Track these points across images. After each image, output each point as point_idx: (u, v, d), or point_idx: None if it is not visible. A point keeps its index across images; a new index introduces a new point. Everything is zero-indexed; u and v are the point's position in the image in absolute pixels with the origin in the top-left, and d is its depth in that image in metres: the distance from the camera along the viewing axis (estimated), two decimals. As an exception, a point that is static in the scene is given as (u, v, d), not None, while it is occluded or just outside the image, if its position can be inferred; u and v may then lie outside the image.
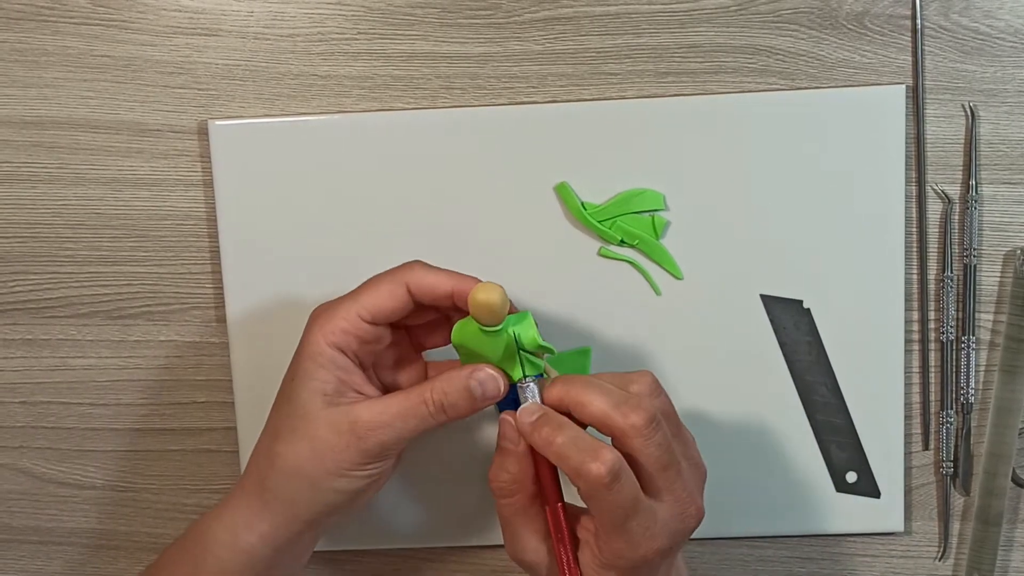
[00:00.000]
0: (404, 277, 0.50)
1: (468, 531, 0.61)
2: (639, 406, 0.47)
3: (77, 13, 0.59)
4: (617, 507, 0.46)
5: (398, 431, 0.49)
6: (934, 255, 0.60)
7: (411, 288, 0.49)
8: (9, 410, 0.62)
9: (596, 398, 0.47)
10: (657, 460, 0.47)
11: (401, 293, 0.49)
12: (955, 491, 0.61)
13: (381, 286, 0.50)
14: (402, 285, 0.49)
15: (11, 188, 0.60)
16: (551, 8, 0.58)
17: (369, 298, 0.49)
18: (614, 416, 0.46)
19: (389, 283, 0.50)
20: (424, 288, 0.49)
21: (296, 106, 0.59)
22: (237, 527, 0.51)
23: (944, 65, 0.58)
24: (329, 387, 0.49)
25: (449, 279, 0.50)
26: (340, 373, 0.49)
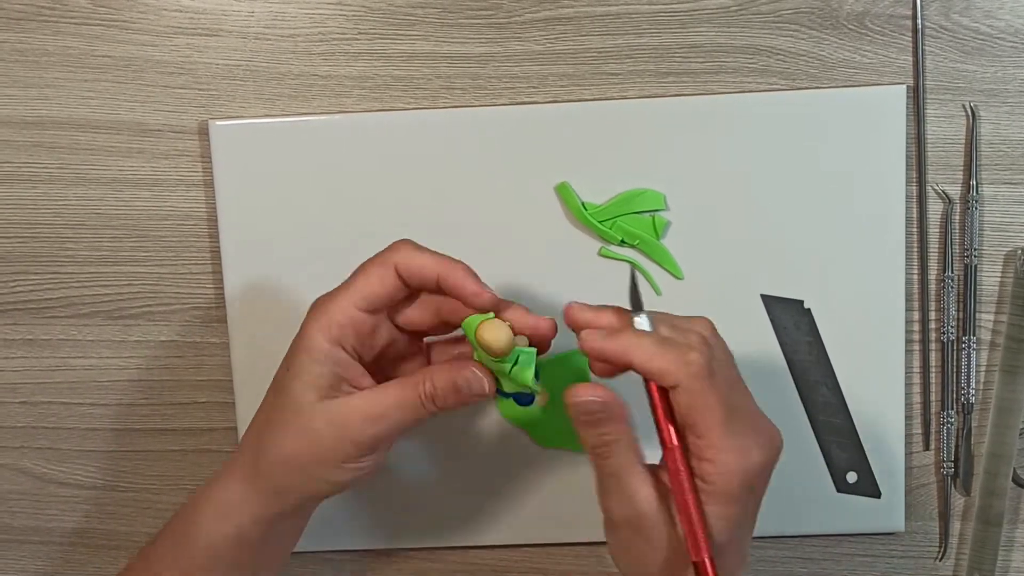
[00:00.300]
0: (392, 258, 0.49)
1: (468, 531, 0.61)
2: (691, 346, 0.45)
3: (78, 13, 0.59)
4: (722, 398, 0.44)
5: (392, 422, 0.49)
6: (935, 255, 0.60)
7: (399, 270, 0.49)
8: (10, 410, 0.62)
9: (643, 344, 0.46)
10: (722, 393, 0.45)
11: (391, 276, 0.49)
12: (956, 491, 0.61)
13: (371, 272, 0.49)
14: (391, 268, 0.49)
15: (12, 188, 0.60)
16: (552, 8, 0.58)
17: (362, 286, 0.49)
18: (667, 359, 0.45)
19: (379, 267, 0.49)
20: (412, 270, 0.49)
21: (297, 106, 0.59)
22: (228, 509, 0.51)
23: (945, 65, 0.58)
24: (323, 381, 0.49)
25: (435, 263, 0.49)
26: (336, 368, 0.49)
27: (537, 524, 0.61)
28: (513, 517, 0.61)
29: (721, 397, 0.45)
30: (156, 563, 0.52)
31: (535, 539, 0.62)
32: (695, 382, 0.44)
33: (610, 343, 0.46)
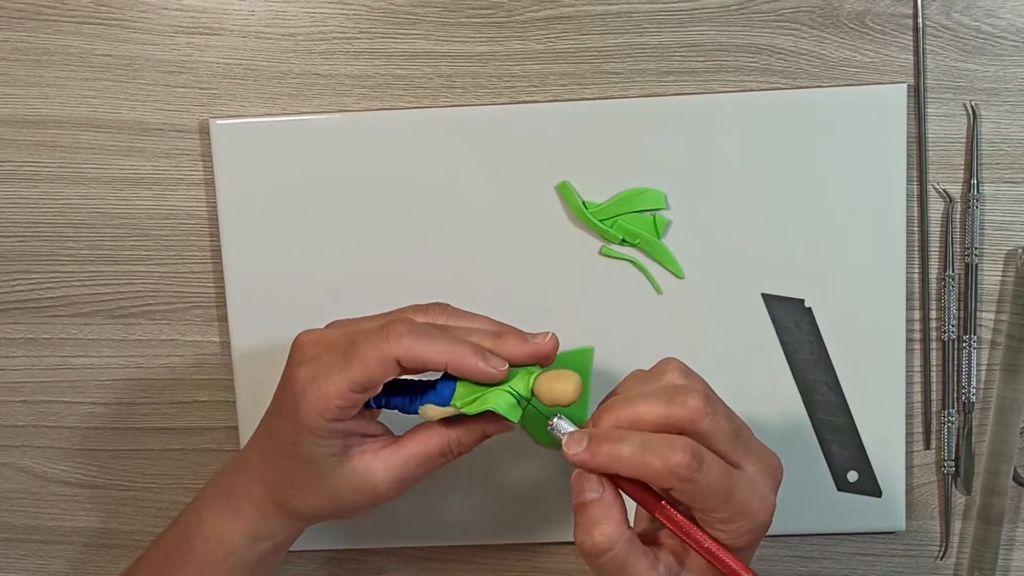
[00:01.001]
0: (392, 350, 0.46)
1: (468, 531, 0.61)
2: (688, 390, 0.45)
3: (79, 12, 0.59)
4: (716, 485, 0.44)
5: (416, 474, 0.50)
6: (935, 254, 0.60)
7: (402, 363, 0.47)
8: (11, 409, 0.62)
9: (646, 407, 0.45)
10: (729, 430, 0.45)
11: (392, 366, 0.47)
12: (956, 490, 0.61)
13: (370, 362, 0.46)
14: (392, 361, 0.46)
15: (13, 187, 0.60)
16: (552, 7, 0.58)
17: (359, 374, 0.47)
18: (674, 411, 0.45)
19: (379, 358, 0.46)
20: (415, 361, 0.47)
21: (297, 105, 0.59)
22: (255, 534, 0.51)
23: (945, 64, 0.58)
24: (336, 449, 0.48)
25: (440, 354, 0.47)
26: (344, 439, 0.49)
27: (537, 523, 0.61)
28: (513, 517, 0.61)
29: (716, 480, 0.44)
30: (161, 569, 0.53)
31: (535, 538, 0.62)
32: (685, 485, 0.43)
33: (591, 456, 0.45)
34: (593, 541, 0.44)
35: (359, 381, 0.47)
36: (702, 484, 0.43)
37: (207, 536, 0.52)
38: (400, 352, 0.46)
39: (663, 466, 0.43)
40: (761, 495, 0.45)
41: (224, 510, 0.52)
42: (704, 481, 0.43)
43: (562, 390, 0.47)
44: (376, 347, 0.46)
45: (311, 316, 0.53)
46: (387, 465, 0.49)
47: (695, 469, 0.43)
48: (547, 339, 0.49)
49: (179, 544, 0.53)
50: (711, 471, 0.44)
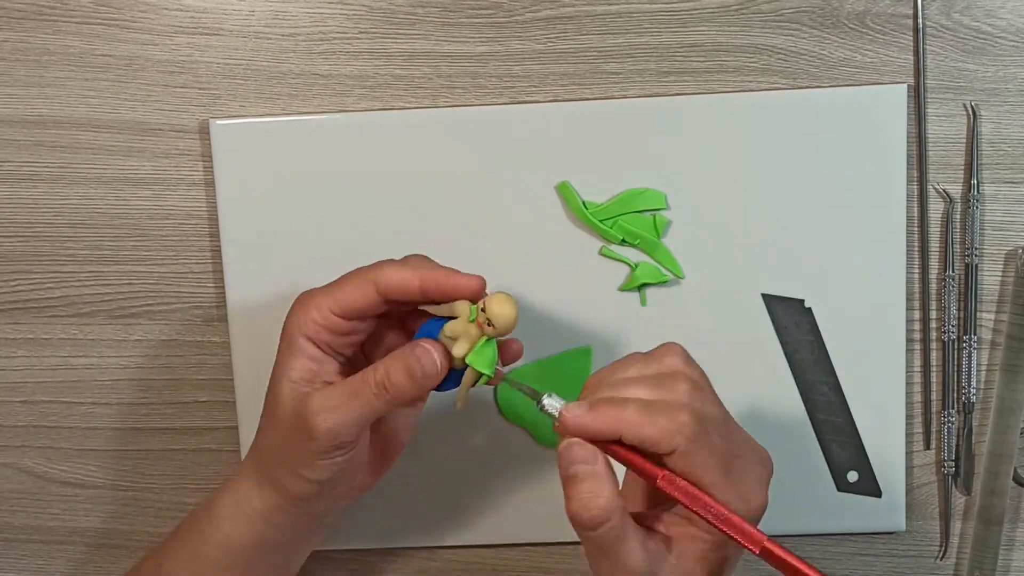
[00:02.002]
0: (372, 275, 0.49)
1: (468, 531, 0.61)
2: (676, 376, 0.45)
3: (79, 12, 0.59)
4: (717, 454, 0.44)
5: (344, 415, 0.48)
6: (935, 254, 0.60)
7: (379, 288, 0.48)
8: (11, 409, 0.62)
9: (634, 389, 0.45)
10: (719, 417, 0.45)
11: (369, 291, 0.49)
12: (956, 490, 0.61)
13: (352, 283, 0.49)
14: (370, 283, 0.49)
15: (13, 187, 0.60)
16: (552, 7, 0.58)
17: (340, 293, 0.49)
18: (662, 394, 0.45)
19: (359, 280, 0.49)
20: (392, 286, 0.48)
21: (297, 105, 0.59)
22: (242, 503, 0.52)
23: (945, 64, 0.58)
24: (296, 374, 0.49)
25: (415, 274, 0.48)
26: (310, 363, 0.50)
27: (537, 523, 0.61)
28: (514, 516, 0.61)
29: (717, 451, 0.44)
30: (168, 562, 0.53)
31: (535, 538, 0.62)
32: (690, 445, 0.43)
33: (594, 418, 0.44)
34: (591, 513, 0.44)
35: (337, 299, 0.49)
36: (705, 448, 0.43)
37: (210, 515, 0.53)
38: (376, 275, 0.48)
39: (670, 424, 0.43)
40: (755, 481, 0.45)
41: (224, 486, 0.53)
42: (708, 445, 0.43)
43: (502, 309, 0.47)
44: (357, 273, 0.49)
45: (311, 316, 0.53)
46: (322, 395, 0.48)
47: (700, 432, 0.43)
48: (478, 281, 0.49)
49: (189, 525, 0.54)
50: (714, 436, 0.44)
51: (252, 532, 0.52)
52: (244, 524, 0.52)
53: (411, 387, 0.48)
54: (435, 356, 0.48)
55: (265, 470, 0.51)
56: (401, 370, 0.48)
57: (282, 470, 0.50)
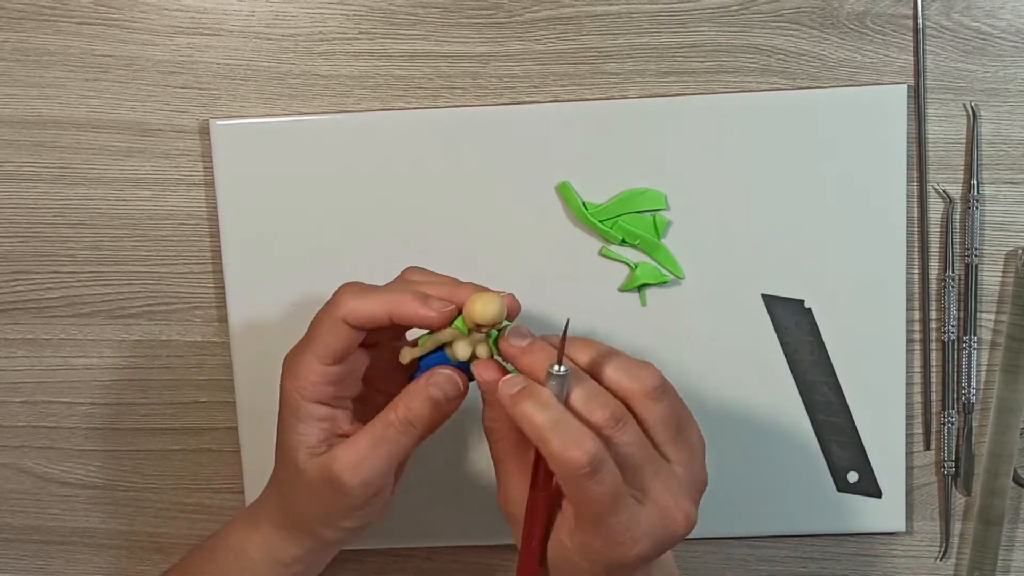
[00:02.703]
0: (338, 313, 0.47)
1: (468, 531, 0.61)
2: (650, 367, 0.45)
3: (79, 13, 0.59)
4: (596, 501, 0.43)
5: (373, 465, 0.47)
6: (935, 255, 0.60)
7: (349, 322, 0.47)
8: (11, 409, 0.62)
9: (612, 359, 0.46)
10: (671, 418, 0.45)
11: (343, 331, 0.47)
12: (956, 491, 0.61)
13: (324, 328, 0.48)
14: (340, 324, 0.47)
15: (13, 188, 0.60)
16: (552, 8, 0.58)
17: (319, 343, 0.48)
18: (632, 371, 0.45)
19: (329, 324, 0.48)
20: (361, 319, 0.47)
21: (297, 106, 0.59)
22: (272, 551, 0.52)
23: (945, 65, 0.58)
24: (311, 439, 0.48)
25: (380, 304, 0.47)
26: (321, 423, 0.49)
27: (538, 523, 0.61)
28: (514, 516, 0.61)
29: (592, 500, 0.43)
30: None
31: (536, 538, 0.62)
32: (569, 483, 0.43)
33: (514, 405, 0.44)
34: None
35: (320, 351, 0.48)
36: (585, 492, 0.43)
37: (229, 549, 0.52)
38: (344, 312, 0.47)
39: (559, 452, 0.42)
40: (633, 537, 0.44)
41: (247, 525, 0.53)
42: (588, 491, 0.43)
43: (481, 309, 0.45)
44: (325, 315, 0.48)
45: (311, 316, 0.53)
46: (344, 452, 0.48)
47: (585, 475, 0.42)
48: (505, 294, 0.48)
49: (204, 558, 0.53)
50: (600, 486, 0.43)
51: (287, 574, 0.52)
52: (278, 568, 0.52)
53: (437, 416, 0.48)
54: (455, 378, 0.47)
55: (297, 523, 0.51)
56: (424, 403, 0.47)
57: (318, 524, 0.50)
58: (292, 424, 0.49)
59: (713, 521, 0.60)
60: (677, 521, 0.45)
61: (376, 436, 0.47)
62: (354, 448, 0.47)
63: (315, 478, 0.48)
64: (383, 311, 0.47)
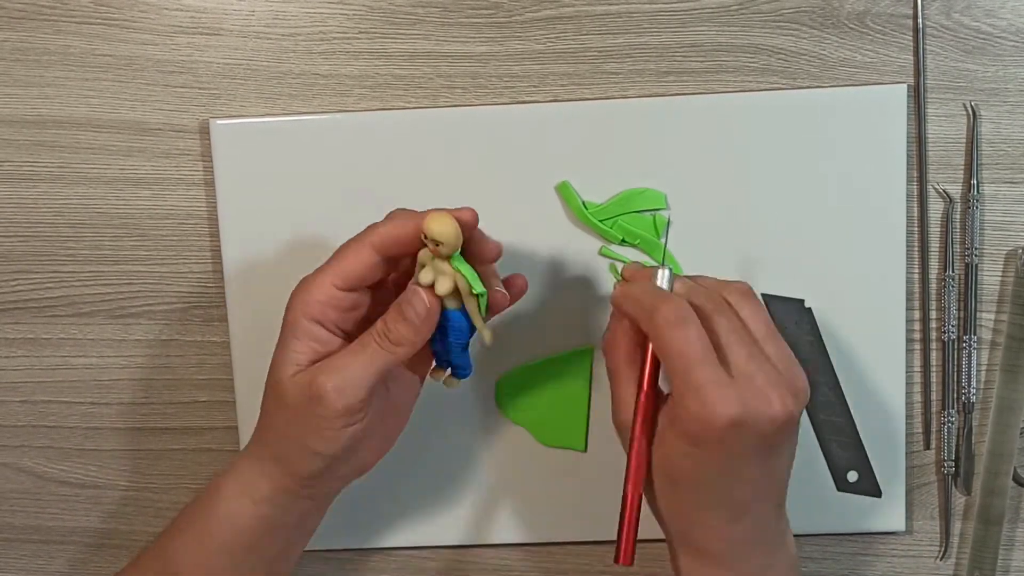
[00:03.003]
0: (365, 238, 0.50)
1: (468, 531, 0.61)
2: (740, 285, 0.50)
3: (79, 12, 0.59)
4: (684, 351, 0.46)
5: (352, 372, 0.49)
6: (935, 254, 0.60)
7: (374, 246, 0.50)
8: (10, 409, 0.62)
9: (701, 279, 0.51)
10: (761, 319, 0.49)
11: (366, 253, 0.50)
12: (956, 490, 0.61)
13: (347, 251, 0.50)
14: (365, 245, 0.50)
15: (13, 187, 0.60)
16: (552, 7, 0.58)
17: (339, 265, 0.50)
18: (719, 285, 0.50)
19: (354, 246, 0.50)
20: (388, 240, 0.50)
21: (297, 105, 0.59)
22: (246, 483, 0.52)
23: (945, 64, 0.58)
24: (303, 358, 0.50)
25: (410, 220, 0.49)
26: (316, 344, 0.50)
27: (538, 523, 0.61)
28: (514, 516, 0.61)
29: (680, 351, 0.46)
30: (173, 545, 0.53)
31: (536, 538, 0.62)
32: (659, 338, 0.47)
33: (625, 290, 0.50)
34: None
35: (337, 271, 0.50)
36: (674, 343, 0.46)
37: (209, 488, 0.53)
38: (370, 235, 0.50)
39: (651, 309, 0.47)
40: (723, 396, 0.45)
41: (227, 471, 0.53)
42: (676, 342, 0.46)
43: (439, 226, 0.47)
44: (351, 240, 0.50)
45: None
46: (326, 361, 0.49)
47: (671, 323, 0.46)
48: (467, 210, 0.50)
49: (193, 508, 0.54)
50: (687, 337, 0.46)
51: (257, 514, 0.52)
52: (249, 506, 0.52)
53: (409, 331, 0.49)
54: (422, 295, 0.49)
55: (271, 452, 0.52)
56: (397, 317, 0.49)
57: (291, 448, 0.50)
58: (287, 341, 0.50)
59: (713, 521, 0.60)
60: (771, 400, 0.46)
61: (354, 349, 0.49)
62: (334, 358, 0.49)
63: (296, 393, 0.49)
64: (411, 227, 0.49)
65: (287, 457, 0.51)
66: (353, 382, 0.49)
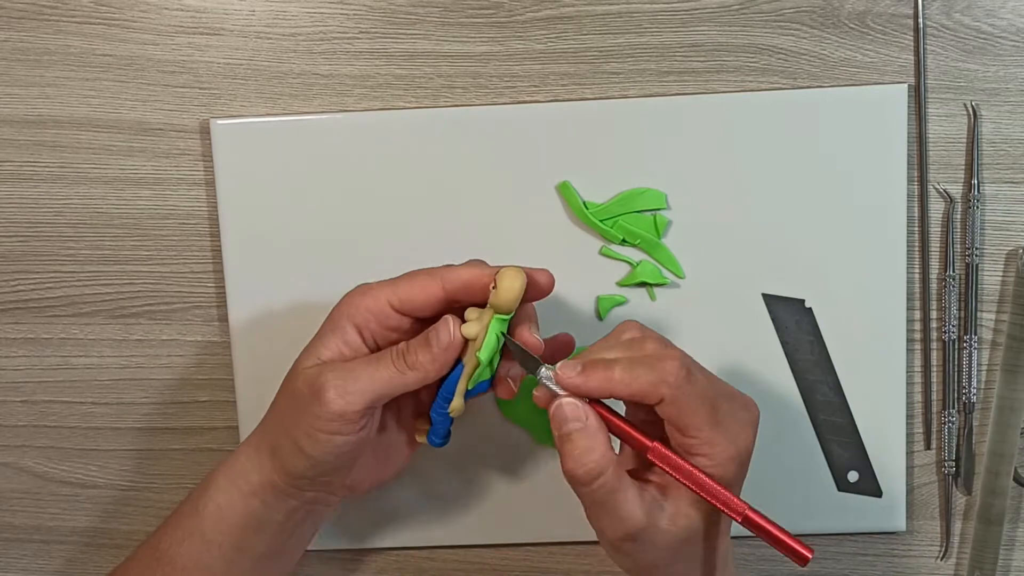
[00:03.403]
0: (441, 272, 0.50)
1: (468, 531, 0.61)
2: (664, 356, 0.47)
3: (79, 12, 0.59)
4: (703, 399, 0.46)
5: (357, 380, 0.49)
6: (936, 254, 0.60)
7: (444, 284, 0.50)
8: (11, 409, 0.62)
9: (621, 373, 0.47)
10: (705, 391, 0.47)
11: (434, 287, 0.50)
12: (957, 490, 0.61)
13: (416, 278, 0.50)
14: (436, 280, 0.50)
15: (13, 187, 0.60)
16: (552, 7, 0.58)
17: (403, 287, 0.50)
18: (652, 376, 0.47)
19: (425, 276, 0.50)
20: (459, 283, 0.50)
21: (298, 105, 0.59)
22: (236, 475, 0.52)
23: (946, 64, 0.58)
24: (328, 354, 0.50)
25: (486, 270, 0.50)
26: (345, 347, 0.50)
27: (538, 523, 0.61)
28: (513, 516, 0.61)
29: (703, 394, 0.47)
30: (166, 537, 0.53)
31: (536, 538, 0.62)
32: (676, 391, 0.46)
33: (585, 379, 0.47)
34: (586, 468, 0.46)
35: (399, 292, 0.50)
36: (691, 395, 0.46)
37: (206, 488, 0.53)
38: (445, 273, 0.50)
39: (655, 375, 0.46)
40: (741, 422, 0.48)
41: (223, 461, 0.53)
42: (693, 391, 0.46)
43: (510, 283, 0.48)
44: (424, 271, 0.51)
45: (311, 316, 0.53)
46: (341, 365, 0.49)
47: (685, 378, 0.46)
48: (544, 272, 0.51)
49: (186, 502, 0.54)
50: (699, 382, 0.46)
51: (245, 506, 0.52)
52: (237, 497, 0.52)
53: (427, 357, 0.49)
54: (450, 326, 0.49)
55: (266, 440, 0.52)
56: (421, 342, 0.49)
57: (283, 439, 0.50)
58: (323, 335, 0.51)
59: (713, 521, 0.60)
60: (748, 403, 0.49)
61: (371, 359, 0.50)
62: (347, 362, 0.50)
63: (303, 384, 0.49)
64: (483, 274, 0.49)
65: (279, 450, 0.51)
66: (356, 388, 0.48)
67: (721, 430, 0.47)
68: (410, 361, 0.49)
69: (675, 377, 0.46)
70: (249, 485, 0.52)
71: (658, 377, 0.46)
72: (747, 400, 0.49)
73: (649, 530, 0.47)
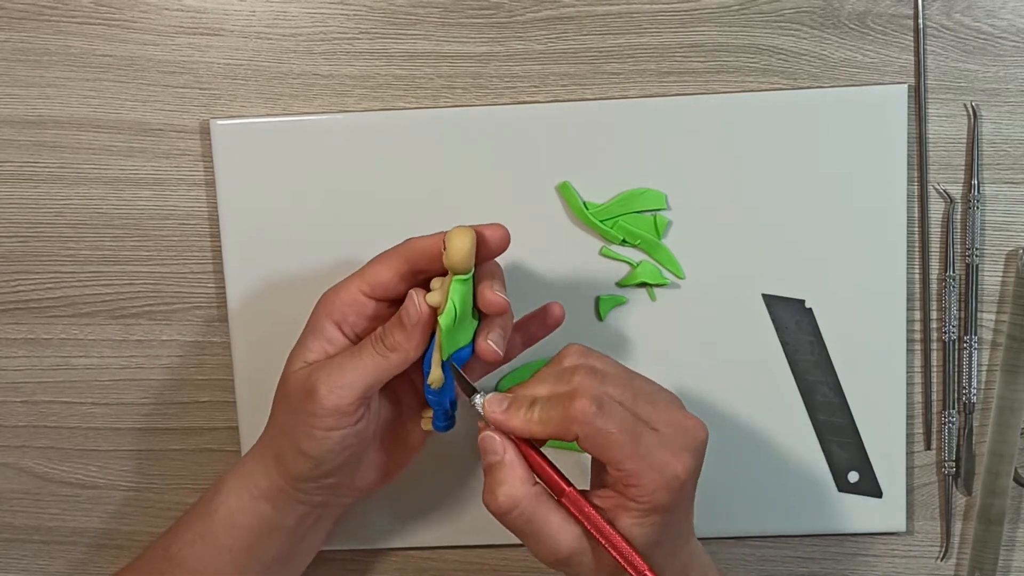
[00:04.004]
0: (400, 249, 0.50)
1: (468, 531, 0.61)
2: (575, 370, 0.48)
3: (79, 13, 0.59)
4: (621, 432, 0.46)
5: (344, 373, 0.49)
6: (936, 255, 0.60)
7: (404, 255, 0.50)
8: (11, 409, 0.62)
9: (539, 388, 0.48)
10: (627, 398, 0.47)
11: (397, 263, 0.50)
12: (957, 491, 0.61)
13: (380, 258, 0.51)
14: (397, 256, 0.50)
15: (13, 187, 0.60)
16: (553, 8, 0.58)
17: (368, 271, 0.51)
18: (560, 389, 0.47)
19: (386, 256, 0.51)
20: (416, 251, 0.50)
21: (298, 105, 0.59)
22: (245, 480, 0.53)
23: (946, 64, 0.58)
24: (313, 356, 0.51)
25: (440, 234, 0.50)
26: (329, 345, 0.51)
27: (538, 523, 0.61)
28: (514, 516, 0.61)
29: (622, 427, 0.46)
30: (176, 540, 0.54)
31: (536, 538, 0.62)
32: (589, 429, 0.46)
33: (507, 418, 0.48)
34: (497, 502, 0.47)
35: (366, 279, 0.50)
36: (605, 431, 0.46)
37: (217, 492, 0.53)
38: (405, 247, 0.50)
39: (565, 416, 0.46)
40: (675, 449, 0.47)
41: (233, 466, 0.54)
42: (607, 426, 0.46)
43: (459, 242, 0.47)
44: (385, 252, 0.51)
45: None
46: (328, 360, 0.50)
47: (596, 413, 0.45)
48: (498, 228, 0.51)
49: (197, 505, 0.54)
50: (615, 416, 0.46)
51: (255, 511, 0.52)
52: (248, 501, 0.52)
53: (402, 336, 0.49)
54: (415, 300, 0.49)
55: (270, 448, 0.52)
56: (394, 322, 0.50)
57: (284, 444, 0.51)
58: (305, 339, 0.51)
59: (713, 521, 0.60)
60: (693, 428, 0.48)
61: (353, 351, 0.50)
62: (332, 358, 0.50)
63: (296, 388, 0.50)
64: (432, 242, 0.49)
65: (283, 455, 0.51)
66: (345, 382, 0.49)
67: (645, 462, 0.46)
68: (388, 343, 0.49)
69: (583, 415, 0.45)
70: (259, 490, 0.52)
71: (568, 416, 0.46)
72: (690, 424, 0.48)
73: (582, 553, 0.48)
